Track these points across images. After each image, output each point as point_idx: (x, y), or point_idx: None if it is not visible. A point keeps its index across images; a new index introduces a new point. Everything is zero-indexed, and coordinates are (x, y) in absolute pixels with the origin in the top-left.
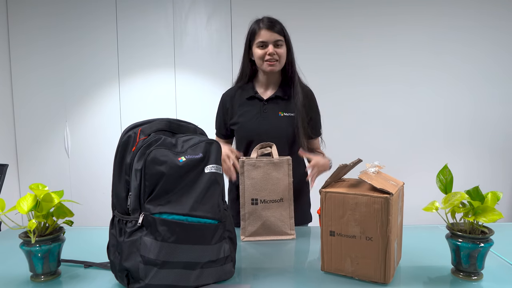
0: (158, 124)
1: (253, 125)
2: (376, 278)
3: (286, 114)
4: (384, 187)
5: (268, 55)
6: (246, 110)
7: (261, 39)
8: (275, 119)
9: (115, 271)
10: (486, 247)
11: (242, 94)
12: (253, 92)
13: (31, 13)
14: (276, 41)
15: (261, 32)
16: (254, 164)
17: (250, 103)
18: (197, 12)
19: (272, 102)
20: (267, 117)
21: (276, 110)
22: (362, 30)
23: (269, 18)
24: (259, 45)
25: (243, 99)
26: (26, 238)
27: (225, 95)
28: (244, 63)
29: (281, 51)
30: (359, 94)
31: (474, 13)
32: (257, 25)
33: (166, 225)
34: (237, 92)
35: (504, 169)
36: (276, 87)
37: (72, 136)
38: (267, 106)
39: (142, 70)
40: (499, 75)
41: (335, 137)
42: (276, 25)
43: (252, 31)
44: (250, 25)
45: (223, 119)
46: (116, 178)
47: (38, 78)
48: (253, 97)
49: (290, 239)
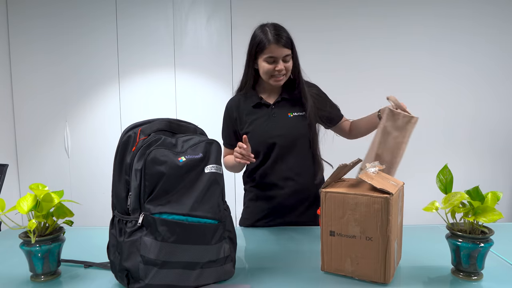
0: (158, 124)
1: (264, 130)
2: (376, 278)
3: (295, 114)
4: (384, 187)
5: (277, 71)
6: (255, 118)
7: (271, 55)
8: (286, 120)
9: (115, 271)
10: (486, 247)
11: (246, 102)
12: (258, 98)
13: (31, 13)
14: (285, 57)
15: (271, 47)
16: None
17: (257, 110)
18: (197, 12)
19: (279, 105)
20: (277, 120)
21: (285, 111)
22: (362, 31)
23: (276, 29)
24: (268, 60)
25: (249, 107)
26: (26, 238)
27: (230, 105)
28: (248, 72)
29: (288, 65)
30: (359, 94)
31: (474, 14)
32: (266, 37)
33: (166, 225)
34: (241, 100)
35: (504, 169)
36: (280, 91)
37: (72, 136)
38: (275, 109)
39: (142, 70)
40: (499, 75)
41: (335, 137)
42: (283, 36)
43: (260, 43)
44: (256, 33)
45: (232, 129)
46: (116, 178)
47: (38, 78)
48: (259, 104)
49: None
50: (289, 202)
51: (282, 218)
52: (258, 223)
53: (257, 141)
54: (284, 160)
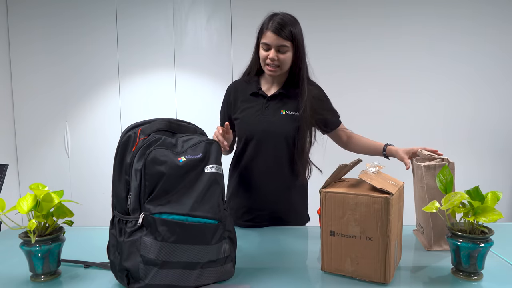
0: (158, 124)
1: (252, 122)
2: (376, 278)
3: (288, 112)
4: (384, 187)
5: (269, 59)
6: (248, 106)
7: (265, 41)
8: (276, 116)
9: (115, 271)
10: (486, 247)
11: (246, 89)
12: (257, 88)
13: (31, 13)
14: (280, 46)
15: (267, 34)
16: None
17: (253, 99)
18: (197, 12)
19: (276, 99)
20: (268, 114)
21: (278, 107)
22: (362, 31)
23: (281, 20)
24: (263, 47)
25: (247, 94)
26: (26, 238)
27: (231, 87)
28: (253, 58)
29: (283, 57)
30: (359, 95)
31: (474, 14)
32: (267, 23)
33: (166, 225)
34: (242, 85)
35: (504, 169)
36: (281, 85)
37: (72, 136)
38: (270, 103)
39: (142, 70)
40: (499, 76)
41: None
42: (284, 29)
43: (261, 28)
44: (264, 18)
45: (226, 111)
46: (116, 178)
47: (38, 78)
48: (256, 93)
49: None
50: (263, 201)
51: (260, 213)
52: (238, 221)
53: (242, 130)
54: (263, 156)
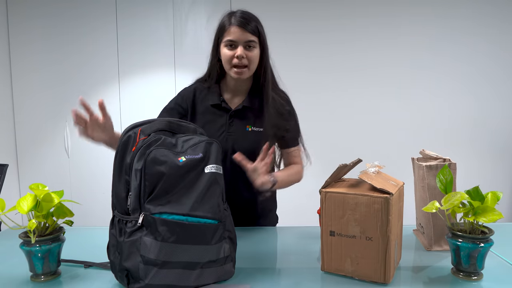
0: (158, 124)
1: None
2: (376, 278)
3: (254, 129)
4: (384, 187)
5: (236, 58)
6: (209, 120)
7: (230, 38)
8: (242, 135)
9: (115, 271)
10: (486, 247)
11: (206, 98)
12: (219, 99)
13: (31, 14)
14: (247, 42)
15: (231, 29)
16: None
17: (214, 111)
18: (197, 12)
19: (240, 113)
20: (233, 131)
21: (243, 123)
22: (362, 31)
23: (244, 13)
24: (227, 44)
25: (207, 104)
26: (26, 238)
27: (187, 92)
28: (211, 62)
29: (252, 55)
30: (359, 95)
31: (474, 14)
32: (228, 19)
33: (166, 225)
34: (201, 93)
35: (504, 169)
36: (245, 94)
37: (72, 136)
38: (234, 118)
39: (142, 70)
40: (500, 76)
41: (335, 137)
42: (250, 22)
43: (222, 26)
44: (221, 18)
45: (176, 112)
46: (116, 178)
47: (38, 78)
48: (219, 105)
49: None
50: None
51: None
52: None
53: None
54: (229, 173)
